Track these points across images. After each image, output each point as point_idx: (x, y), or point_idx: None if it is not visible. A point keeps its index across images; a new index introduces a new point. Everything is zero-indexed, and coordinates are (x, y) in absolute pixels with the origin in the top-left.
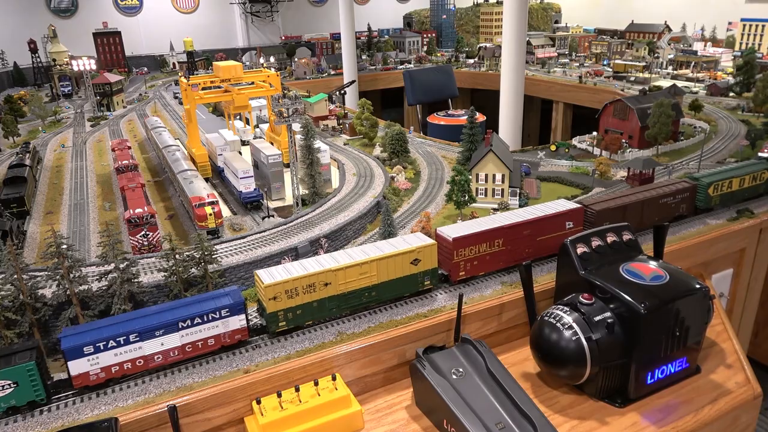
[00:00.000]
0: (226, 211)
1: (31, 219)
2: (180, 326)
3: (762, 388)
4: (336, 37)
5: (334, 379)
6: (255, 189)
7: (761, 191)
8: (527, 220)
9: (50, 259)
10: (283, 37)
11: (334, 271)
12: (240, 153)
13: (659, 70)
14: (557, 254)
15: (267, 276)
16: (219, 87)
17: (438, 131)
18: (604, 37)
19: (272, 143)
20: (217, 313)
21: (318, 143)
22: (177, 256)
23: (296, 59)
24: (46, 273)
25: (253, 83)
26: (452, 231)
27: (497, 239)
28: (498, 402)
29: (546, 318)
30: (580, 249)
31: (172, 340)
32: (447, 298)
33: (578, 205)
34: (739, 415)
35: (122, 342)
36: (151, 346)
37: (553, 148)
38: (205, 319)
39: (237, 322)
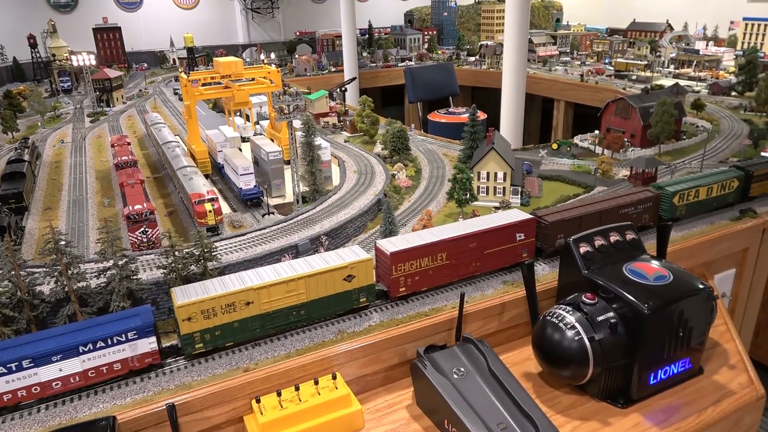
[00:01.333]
0: (225, 208)
1: (30, 215)
2: (81, 350)
3: (765, 389)
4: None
5: (334, 378)
6: (255, 186)
7: (731, 201)
8: (472, 233)
9: (48, 255)
10: (298, 33)
11: (256, 290)
12: (240, 150)
13: (661, 68)
14: (504, 268)
15: (181, 295)
16: (219, 83)
17: (439, 129)
18: (605, 35)
19: (273, 140)
20: (123, 335)
21: (319, 140)
22: (176, 253)
23: (297, 56)
24: (44, 269)
25: (253, 79)
26: (391, 244)
27: (440, 253)
28: (499, 402)
29: (548, 318)
30: (583, 248)
31: (71, 366)
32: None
33: (530, 216)
34: (742, 416)
35: (14, 368)
36: (48, 373)
37: (554, 146)
38: (110, 343)
39: (146, 345)
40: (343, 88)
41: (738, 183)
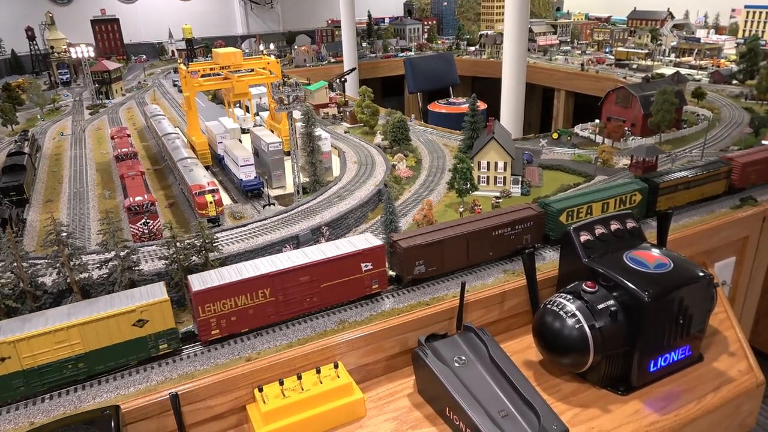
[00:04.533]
0: (226, 199)
1: (31, 207)
2: None
3: (765, 376)
4: (379, 22)
5: (336, 366)
6: (255, 177)
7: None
8: (302, 265)
9: (50, 247)
10: (329, 21)
11: (11, 343)
12: (240, 141)
13: (662, 57)
14: (364, 298)
15: None
16: (218, 74)
17: (439, 119)
18: (606, 24)
19: (273, 131)
20: None
21: (319, 131)
22: (178, 244)
23: (296, 47)
24: (46, 261)
25: (252, 70)
26: (198, 281)
27: (261, 289)
28: (501, 390)
29: (549, 306)
30: (584, 237)
31: None
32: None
33: (379, 243)
34: (741, 403)
35: None
36: None
37: (555, 135)
38: None
39: None
40: (342, 79)
41: (641, 197)
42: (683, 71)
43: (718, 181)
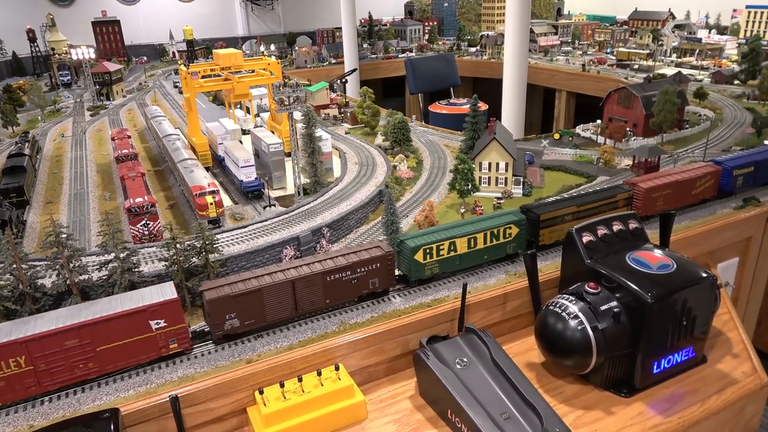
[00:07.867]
0: (227, 201)
1: (31, 208)
2: None
3: None
4: (395, 23)
5: (337, 369)
6: (256, 178)
7: (510, 251)
8: (66, 328)
9: (50, 248)
10: (361, 21)
11: None
12: (241, 142)
13: (663, 57)
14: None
15: None
16: (219, 75)
17: (440, 120)
18: (608, 24)
19: (273, 132)
20: None
21: (319, 132)
22: (178, 245)
23: (297, 48)
24: (46, 262)
25: (253, 71)
26: None
27: (13, 357)
28: (503, 392)
29: (551, 307)
30: (586, 238)
31: None
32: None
33: (173, 296)
34: (745, 404)
35: None
36: None
37: (556, 136)
38: None
39: None
40: (343, 80)
41: (518, 230)
42: (685, 71)
43: (616, 209)
